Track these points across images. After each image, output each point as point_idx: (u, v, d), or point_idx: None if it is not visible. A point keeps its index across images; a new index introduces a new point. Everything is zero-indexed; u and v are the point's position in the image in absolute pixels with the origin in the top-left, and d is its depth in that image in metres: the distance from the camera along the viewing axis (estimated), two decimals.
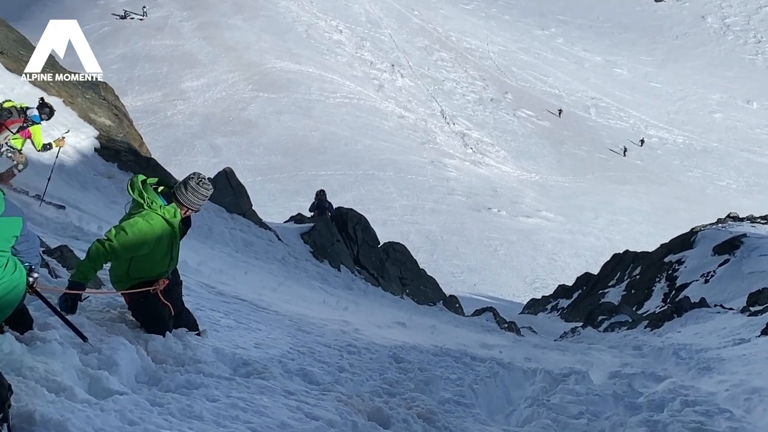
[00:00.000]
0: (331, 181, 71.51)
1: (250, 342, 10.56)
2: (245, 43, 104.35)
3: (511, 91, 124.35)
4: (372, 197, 71.76)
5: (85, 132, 22.96)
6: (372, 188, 74.82)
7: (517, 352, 19.66)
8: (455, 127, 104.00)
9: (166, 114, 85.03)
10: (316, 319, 15.01)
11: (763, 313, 24.53)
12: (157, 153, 40.77)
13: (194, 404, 6.74)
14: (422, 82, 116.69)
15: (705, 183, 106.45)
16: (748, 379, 14.31)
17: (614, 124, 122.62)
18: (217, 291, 14.68)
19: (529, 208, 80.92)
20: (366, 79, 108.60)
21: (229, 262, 21.18)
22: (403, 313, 23.93)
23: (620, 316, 35.89)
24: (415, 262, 37.99)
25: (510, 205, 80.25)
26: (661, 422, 10.35)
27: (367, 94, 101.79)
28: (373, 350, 12.75)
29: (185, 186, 8.23)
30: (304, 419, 7.29)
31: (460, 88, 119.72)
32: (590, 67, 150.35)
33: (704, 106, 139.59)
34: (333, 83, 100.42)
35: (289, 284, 21.78)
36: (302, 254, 28.45)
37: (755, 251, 39.20)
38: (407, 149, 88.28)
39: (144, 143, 28.55)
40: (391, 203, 71.85)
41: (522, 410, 11.26)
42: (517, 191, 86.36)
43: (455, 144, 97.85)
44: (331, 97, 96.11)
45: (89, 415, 5.81)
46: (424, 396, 9.96)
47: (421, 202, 73.93)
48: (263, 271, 22.31)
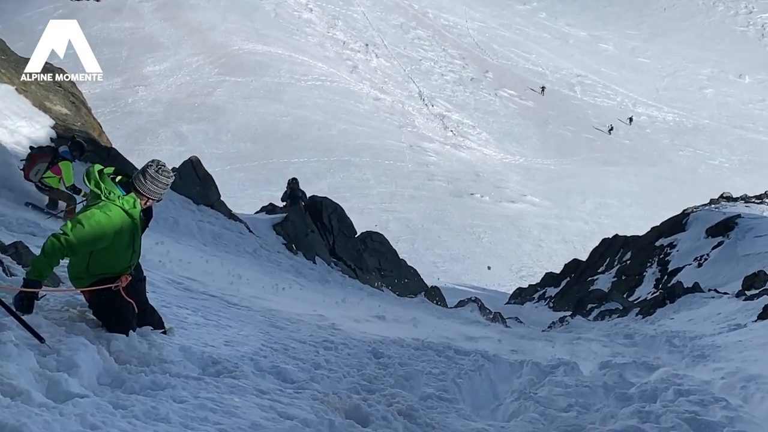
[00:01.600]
0: (304, 169, 71.36)
1: (220, 339, 10.53)
2: (210, 24, 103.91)
3: (492, 69, 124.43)
4: (348, 185, 71.68)
5: (40, 121, 22.75)
6: (348, 175, 74.71)
7: (503, 343, 19.71)
8: (434, 108, 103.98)
9: (127, 101, 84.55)
10: (290, 314, 14.98)
11: (759, 297, 24.66)
12: (119, 142, 40.55)
13: (160, 406, 6.71)
14: (398, 62, 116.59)
15: (696, 162, 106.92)
16: (744, 367, 14.39)
17: (601, 103, 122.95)
18: (184, 287, 14.63)
19: (513, 193, 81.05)
20: (339, 60, 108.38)
21: (198, 255, 21.10)
22: (383, 305, 23.90)
23: (610, 303, 36.04)
24: (395, 253, 37.97)
25: (493, 189, 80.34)
26: (654, 413, 10.39)
27: (340, 76, 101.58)
28: (351, 345, 12.74)
29: (144, 174, 8.16)
30: (278, 419, 7.27)
31: (439, 68, 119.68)
32: (574, 42, 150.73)
33: (694, 81, 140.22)
34: (304, 65, 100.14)
35: (259, 276, 21.73)
36: (275, 246, 28.38)
37: (750, 232, 39.43)
38: (384, 133, 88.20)
39: (104, 132, 28.37)
40: (368, 191, 71.78)
41: (508, 404, 11.27)
42: (500, 175, 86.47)
43: (434, 127, 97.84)
44: (302, 80, 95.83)
45: (47, 420, 5.76)
46: (404, 392, 9.96)
47: (400, 189, 73.91)
48: (234, 265, 22.22)
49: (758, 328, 20.11)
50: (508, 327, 28.29)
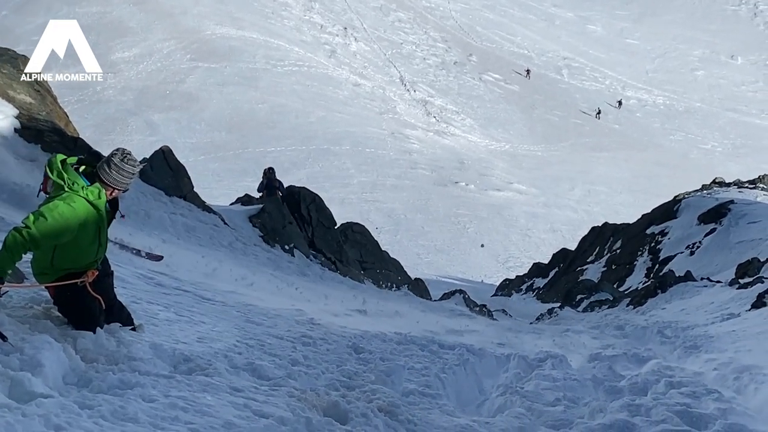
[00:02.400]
0: (281, 158, 71.33)
1: (193, 336, 10.47)
2: (181, 8, 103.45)
3: (476, 53, 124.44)
4: (327, 174, 71.65)
5: (3, 111, 22.62)
6: (327, 164, 74.66)
7: (490, 337, 19.74)
8: (416, 94, 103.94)
9: (95, 89, 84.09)
10: (267, 309, 14.94)
11: (753, 285, 24.79)
12: (87, 132, 40.43)
13: (128, 405, 6.67)
14: (378, 45, 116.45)
15: (688, 147, 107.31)
16: (737, 357, 14.47)
17: (589, 86, 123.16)
18: (155, 282, 14.56)
19: (499, 181, 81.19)
20: (316, 44, 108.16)
21: (171, 249, 21.01)
22: (364, 299, 23.88)
23: (600, 294, 36.20)
24: (377, 244, 37.95)
25: (478, 178, 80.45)
26: (644, 406, 10.43)
27: (318, 61, 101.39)
28: (331, 341, 12.73)
29: (108, 163, 8.09)
30: (252, 417, 7.24)
31: (421, 52, 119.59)
32: (561, 24, 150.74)
33: (685, 63, 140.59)
34: (280, 50, 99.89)
35: (237, 269, 21.67)
36: (251, 239, 28.30)
37: (743, 219, 39.60)
38: (364, 120, 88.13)
39: (70, 122, 28.20)
40: (348, 180, 71.78)
41: (494, 399, 11.30)
42: (485, 162, 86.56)
43: (417, 113, 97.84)
44: (279, 66, 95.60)
45: (9, 421, 5.72)
46: (386, 388, 9.95)
47: (382, 178, 73.93)
48: (211, 259, 22.16)
49: (752, 317, 20.21)
50: (495, 320, 28.34)
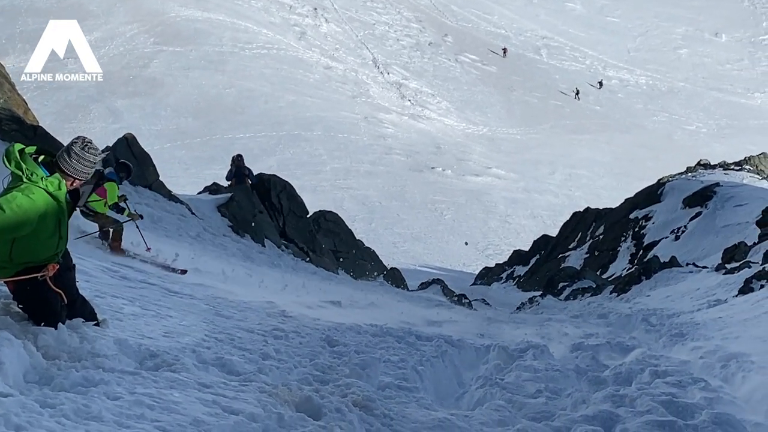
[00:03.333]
0: (250, 145, 71.18)
1: (159, 331, 10.45)
2: None
3: (452, 33, 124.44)
4: (298, 161, 71.58)
5: None
6: (298, 150, 74.59)
7: (469, 327, 19.82)
8: (390, 76, 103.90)
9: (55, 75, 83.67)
10: (237, 302, 14.92)
11: (740, 270, 24.95)
12: (47, 120, 40.22)
13: (92, 404, 6.64)
14: (350, 26, 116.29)
15: (672, 128, 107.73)
16: (724, 345, 14.55)
17: (568, 66, 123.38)
18: (120, 275, 14.52)
19: (477, 166, 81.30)
20: (286, 26, 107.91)
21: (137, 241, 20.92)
22: (338, 290, 23.92)
23: (583, 281, 36.39)
24: (351, 233, 38.02)
25: (456, 162, 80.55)
26: (628, 396, 10.48)
27: (287, 44, 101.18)
28: (303, 334, 12.72)
29: (69, 152, 8.05)
30: (222, 414, 7.23)
31: (394, 32, 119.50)
32: (539, 2, 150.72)
33: (668, 41, 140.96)
34: (248, 32, 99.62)
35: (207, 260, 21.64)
36: (220, 229, 28.27)
37: (729, 201, 39.83)
38: (336, 104, 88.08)
39: (29, 110, 28.06)
40: (320, 167, 71.74)
41: (473, 392, 11.32)
42: (463, 147, 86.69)
43: (391, 96, 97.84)
44: (247, 48, 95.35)
45: None
46: (360, 381, 9.96)
47: (355, 164, 73.93)
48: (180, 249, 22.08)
49: (739, 303, 20.34)
50: (474, 309, 28.44)
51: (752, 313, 17.97)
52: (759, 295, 20.10)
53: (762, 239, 30.01)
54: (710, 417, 9.41)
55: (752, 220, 34.74)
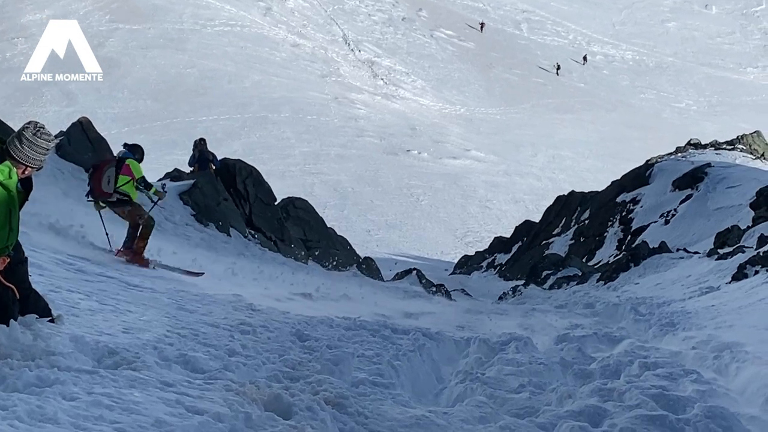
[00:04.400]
0: (213, 128, 71.02)
1: (118, 327, 10.40)
2: None
3: (426, 7, 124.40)
4: (265, 145, 71.46)
5: None
6: (265, 134, 74.48)
7: (448, 319, 19.85)
8: (361, 54, 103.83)
9: (5, 56, 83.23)
10: (201, 295, 14.90)
11: (733, 256, 25.04)
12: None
13: (47, 405, 6.61)
14: (318, 1, 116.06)
15: (660, 106, 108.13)
16: (717, 334, 14.63)
17: (550, 42, 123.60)
18: (77, 268, 14.45)
19: (455, 148, 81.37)
20: (250, 1, 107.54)
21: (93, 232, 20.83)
22: (309, 281, 23.90)
23: (568, 269, 36.49)
24: (322, 221, 37.99)
25: (432, 145, 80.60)
26: (616, 390, 10.50)
27: (251, 20, 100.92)
28: (272, 328, 12.69)
29: (19, 139, 7.99)
30: (185, 414, 7.20)
31: (365, 7, 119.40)
32: None
33: (655, 14, 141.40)
34: (209, 8, 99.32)
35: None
36: (182, 218, 28.15)
37: (721, 183, 39.99)
38: (305, 84, 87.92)
39: None
40: (288, 151, 71.62)
41: (453, 387, 11.33)
42: (439, 128, 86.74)
43: (363, 75, 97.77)
44: (208, 26, 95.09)
45: None
46: (333, 378, 9.94)
47: (326, 148, 73.85)
48: None
49: (733, 290, 20.45)
50: (453, 300, 28.50)
51: (746, 300, 18.07)
52: (753, 281, 20.21)
53: (756, 222, 30.14)
54: (703, 410, 9.42)
55: (746, 203, 34.88)
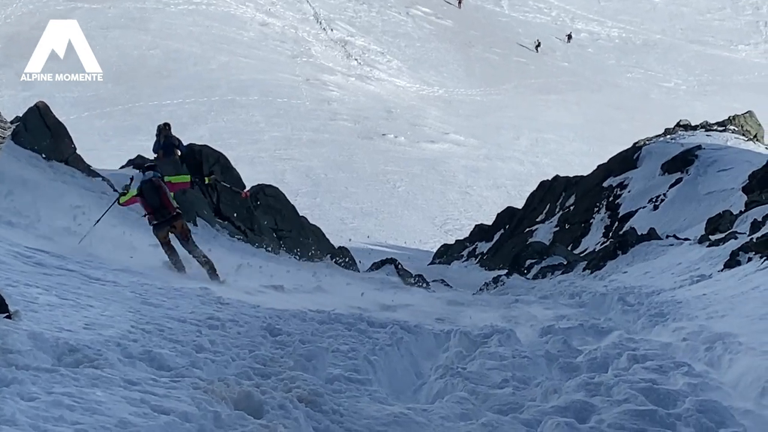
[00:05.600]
0: (179, 112, 70.91)
1: (79, 322, 10.37)
2: None
3: None
4: (233, 129, 71.37)
5: None
6: (233, 118, 74.38)
7: (427, 311, 19.86)
8: (334, 33, 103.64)
9: None
10: (167, 288, 14.88)
11: (725, 242, 25.13)
12: None
13: (4, 405, 6.59)
14: None
15: (648, 85, 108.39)
16: (709, 325, 14.68)
17: (533, 19, 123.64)
18: (35, 261, 14.39)
19: (433, 131, 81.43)
20: None
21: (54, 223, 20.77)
22: (281, 273, 23.90)
23: (553, 258, 36.62)
24: (294, 209, 37.99)
25: (409, 128, 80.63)
26: (604, 384, 10.52)
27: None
28: (242, 322, 12.68)
29: None
30: (151, 414, 7.19)
31: None
32: None
33: None
34: None
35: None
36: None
37: (712, 166, 40.14)
38: (275, 65, 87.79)
39: None
40: (258, 135, 71.58)
41: (432, 383, 11.33)
42: (417, 111, 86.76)
43: (335, 55, 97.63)
44: (172, 4, 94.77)
45: None
46: (306, 374, 9.95)
47: (297, 132, 73.80)
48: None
49: (725, 278, 20.53)
50: (433, 291, 28.54)
51: (739, 289, 18.15)
52: (746, 269, 20.27)
53: (749, 207, 30.21)
54: (694, 405, 9.46)
55: (738, 186, 35.04)
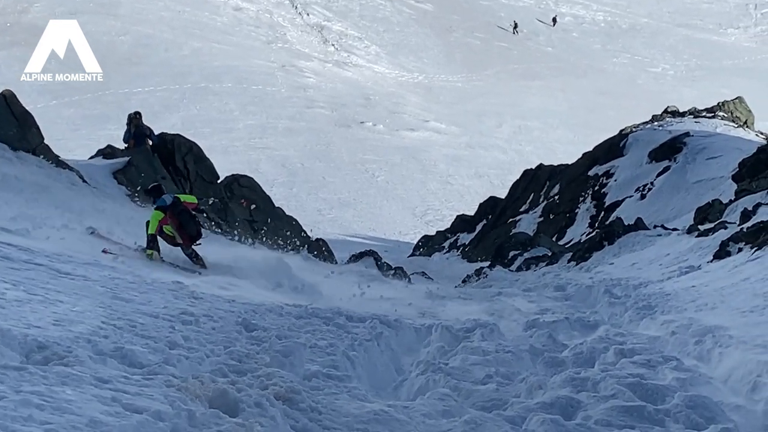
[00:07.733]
0: (150, 100, 70.75)
1: (48, 318, 10.33)
2: None
3: None
4: (206, 118, 71.23)
5: None
6: (206, 105, 74.24)
7: (407, 305, 19.85)
8: (310, 18, 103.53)
9: None
10: (139, 283, 14.84)
11: (714, 232, 25.19)
12: None
13: None
14: None
15: (635, 71, 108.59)
16: (698, 317, 14.72)
17: (515, 2, 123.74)
18: (2, 255, 14.35)
19: (412, 119, 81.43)
20: None
21: (20, 215, 20.70)
22: None
23: (537, 249, 36.63)
24: (269, 199, 37.95)
25: (388, 116, 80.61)
26: (591, 379, 10.55)
27: None
28: (216, 317, 12.67)
29: None
30: (123, 413, 7.18)
31: None
32: None
33: None
34: None
35: None
36: (117, 198, 28.07)
37: (701, 154, 40.22)
38: (249, 52, 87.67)
39: None
40: (232, 124, 71.47)
41: (413, 379, 11.35)
42: (396, 98, 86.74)
43: (312, 41, 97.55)
44: None
45: None
46: (283, 371, 9.94)
47: (272, 120, 73.72)
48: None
49: (714, 269, 20.59)
50: (413, 284, 28.53)
51: (729, 280, 18.20)
52: (737, 259, 20.34)
53: (739, 196, 30.26)
54: (684, 400, 9.49)
55: (727, 175, 35.10)
